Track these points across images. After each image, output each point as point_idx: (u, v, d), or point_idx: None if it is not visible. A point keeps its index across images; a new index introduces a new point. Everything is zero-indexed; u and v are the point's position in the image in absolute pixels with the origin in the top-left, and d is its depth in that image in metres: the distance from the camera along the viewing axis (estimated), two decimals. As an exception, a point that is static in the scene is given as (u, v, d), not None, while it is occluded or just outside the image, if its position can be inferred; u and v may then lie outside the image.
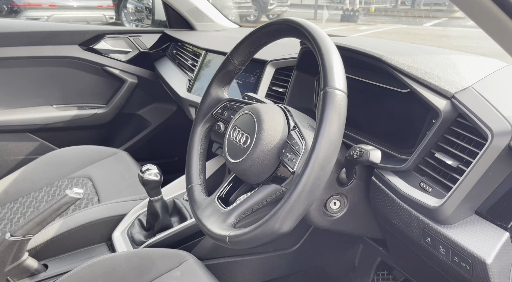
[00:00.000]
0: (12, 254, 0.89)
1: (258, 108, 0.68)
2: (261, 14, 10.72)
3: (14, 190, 1.28)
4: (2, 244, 0.88)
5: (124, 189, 1.27)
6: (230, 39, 1.41)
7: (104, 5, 6.74)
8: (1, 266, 0.89)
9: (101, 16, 6.64)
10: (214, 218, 0.69)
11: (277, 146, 0.64)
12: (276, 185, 0.67)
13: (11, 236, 0.87)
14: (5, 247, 0.88)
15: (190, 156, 0.83)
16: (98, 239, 1.09)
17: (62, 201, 0.92)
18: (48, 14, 5.90)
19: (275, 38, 0.70)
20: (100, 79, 1.69)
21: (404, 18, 12.82)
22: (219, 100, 0.83)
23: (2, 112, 1.55)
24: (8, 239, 0.87)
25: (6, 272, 0.90)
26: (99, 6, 6.67)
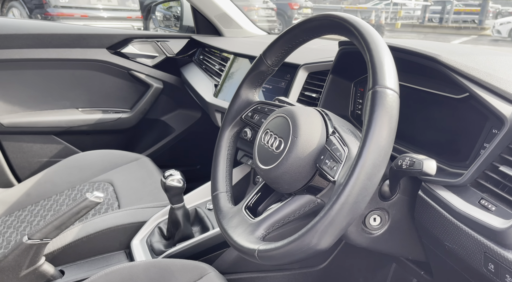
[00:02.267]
0: (28, 258, 0.86)
1: (294, 111, 0.62)
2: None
3: (35, 192, 1.27)
4: (19, 247, 0.84)
5: (145, 195, 1.23)
6: (259, 44, 1.37)
7: (133, 16, 6.93)
8: (16, 270, 0.86)
9: (130, 27, 6.81)
10: (241, 229, 0.63)
11: (314, 151, 0.58)
12: (311, 195, 0.61)
13: (28, 239, 0.84)
14: (22, 251, 0.85)
15: (217, 162, 0.78)
16: (117, 246, 1.05)
17: (82, 205, 0.88)
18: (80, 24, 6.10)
19: (315, 36, 0.65)
20: (125, 84, 1.68)
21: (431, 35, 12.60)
22: (249, 103, 0.78)
23: (29, 114, 1.55)
24: (25, 242, 0.84)
25: (21, 277, 0.87)
26: (128, 17, 6.86)
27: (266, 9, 9.58)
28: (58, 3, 5.88)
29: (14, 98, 1.52)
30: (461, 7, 16.00)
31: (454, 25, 14.13)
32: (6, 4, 6.27)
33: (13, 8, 6.21)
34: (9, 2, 6.22)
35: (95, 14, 6.33)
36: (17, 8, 6.15)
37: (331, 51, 1.03)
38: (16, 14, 6.18)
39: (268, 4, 9.80)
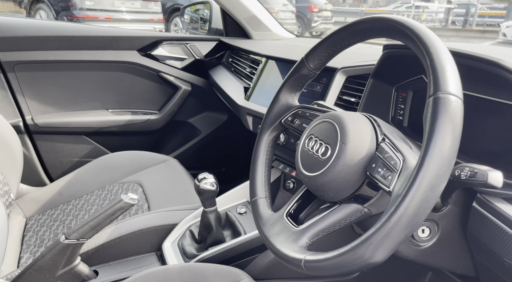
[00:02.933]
0: (65, 257, 0.86)
1: (341, 116, 0.60)
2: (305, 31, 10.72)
3: (67, 192, 1.29)
4: (56, 247, 0.85)
5: (175, 197, 1.24)
6: (290, 47, 1.36)
7: (155, 18, 7.04)
8: (53, 269, 0.86)
9: (152, 29, 6.92)
10: (283, 237, 0.62)
11: (363, 159, 0.56)
12: (358, 204, 0.59)
13: (65, 239, 0.85)
14: (59, 250, 0.85)
15: (255, 166, 0.77)
16: (148, 248, 1.05)
17: (117, 206, 0.88)
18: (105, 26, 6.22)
19: (362, 39, 0.63)
20: (154, 86, 1.70)
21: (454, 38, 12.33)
22: (289, 107, 0.76)
23: (62, 114, 1.58)
24: (62, 242, 0.85)
25: (57, 276, 0.87)
26: (150, 19, 6.97)
27: (285, 11, 9.57)
28: (84, 5, 6.03)
29: (48, 99, 1.55)
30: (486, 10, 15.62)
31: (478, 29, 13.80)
32: (33, 6, 6.46)
33: (40, 10, 6.40)
34: (36, 4, 6.41)
35: (118, 17, 6.45)
36: (44, 10, 6.32)
37: (368, 55, 1.01)
38: (43, 16, 6.36)
39: (288, 7, 9.78)
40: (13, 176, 1.16)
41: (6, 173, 1.12)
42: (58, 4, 6.13)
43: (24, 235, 1.15)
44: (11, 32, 1.41)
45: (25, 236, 1.15)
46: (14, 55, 1.44)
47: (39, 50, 1.46)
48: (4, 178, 1.11)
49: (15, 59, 1.45)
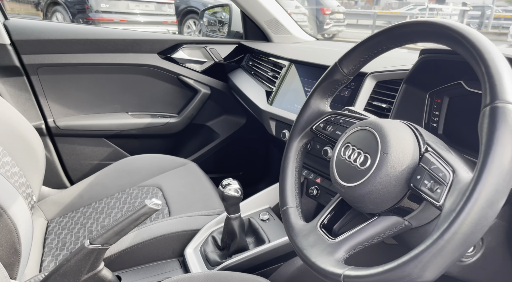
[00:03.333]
0: (89, 262, 0.85)
1: (381, 124, 0.58)
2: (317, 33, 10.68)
3: (88, 195, 1.29)
4: (81, 252, 0.84)
5: (195, 202, 1.22)
6: (314, 51, 1.34)
7: (169, 21, 7.09)
8: (77, 274, 0.86)
9: (165, 31, 6.97)
10: (318, 249, 0.59)
11: (406, 170, 0.53)
12: (398, 217, 0.56)
13: (90, 244, 0.84)
14: (83, 255, 0.85)
15: (285, 174, 0.74)
16: (170, 254, 1.04)
17: (141, 211, 0.87)
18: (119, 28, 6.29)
19: (402, 44, 0.60)
20: (174, 89, 1.69)
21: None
22: (320, 113, 0.74)
23: (83, 117, 1.59)
24: (87, 246, 0.84)
25: (81, 281, 0.87)
26: (164, 21, 7.03)
27: (297, 14, 9.55)
28: (99, 8, 6.10)
29: (70, 102, 1.56)
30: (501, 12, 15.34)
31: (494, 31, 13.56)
32: (50, 9, 6.56)
33: (57, 12, 6.49)
34: (53, 6, 6.51)
35: (133, 19, 6.52)
36: (61, 13, 6.42)
37: (399, 59, 0.98)
38: (60, 18, 6.45)
39: (300, 9, 9.75)
40: (35, 178, 1.16)
41: (29, 176, 1.12)
42: (74, 7, 6.22)
43: (45, 237, 1.15)
44: (35, 35, 1.42)
45: (47, 238, 1.15)
46: (38, 58, 1.45)
47: (62, 53, 1.47)
48: (27, 180, 1.11)
49: (39, 62, 1.45)
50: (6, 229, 0.82)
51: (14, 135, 1.10)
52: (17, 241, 0.85)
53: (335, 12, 11.05)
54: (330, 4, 11.24)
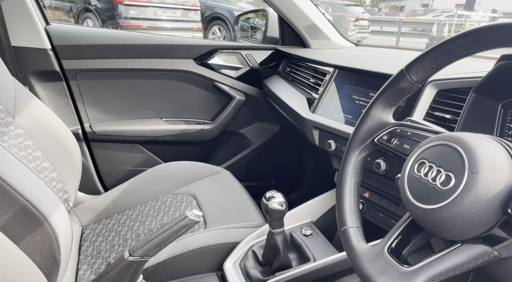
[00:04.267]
0: (129, 275, 0.82)
1: (466, 139, 0.51)
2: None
3: (122, 201, 1.27)
4: (121, 264, 0.81)
5: (232, 212, 1.18)
6: (358, 57, 1.27)
7: (194, 27, 7.18)
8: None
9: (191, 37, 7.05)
10: (389, 278, 0.53)
11: (501, 193, 0.47)
12: (486, 246, 0.49)
13: (130, 255, 0.81)
14: (123, 267, 0.81)
15: (342, 190, 0.69)
16: (208, 268, 1.00)
17: (181, 223, 0.83)
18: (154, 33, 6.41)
19: (487, 48, 0.54)
20: (209, 95, 1.66)
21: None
22: (383, 124, 0.68)
23: (118, 122, 1.58)
24: (126, 258, 0.81)
25: None
26: (190, 28, 7.12)
27: (322, 20, 9.49)
28: (128, 14, 6.23)
29: (106, 107, 1.55)
30: (533, 19, 14.76)
31: (527, 38, 13.05)
32: (81, 15, 6.76)
33: (88, 19, 6.68)
34: (84, 13, 6.70)
35: (160, 25, 6.63)
36: (91, 19, 6.60)
37: (463, 66, 0.91)
38: (90, 25, 6.63)
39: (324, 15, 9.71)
40: (72, 184, 1.15)
41: (66, 181, 1.11)
42: (105, 13, 6.38)
43: (81, 244, 1.13)
44: (75, 40, 1.42)
45: (82, 245, 1.13)
46: (77, 63, 1.45)
47: (100, 59, 1.47)
48: (64, 185, 1.10)
49: (78, 67, 1.45)
50: (47, 238, 0.80)
51: (53, 141, 1.09)
52: (57, 250, 0.83)
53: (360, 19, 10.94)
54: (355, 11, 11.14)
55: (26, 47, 1.36)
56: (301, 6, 1.48)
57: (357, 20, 10.90)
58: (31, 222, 0.77)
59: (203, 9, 7.62)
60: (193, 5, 7.10)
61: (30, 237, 0.78)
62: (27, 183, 0.78)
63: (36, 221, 0.78)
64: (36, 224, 0.78)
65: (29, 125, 1.03)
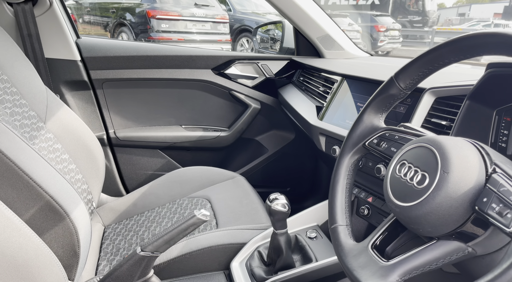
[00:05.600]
0: (140, 269, 0.88)
1: (441, 141, 0.54)
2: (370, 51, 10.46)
3: (141, 203, 1.34)
4: (133, 258, 0.88)
5: (242, 215, 1.22)
6: (368, 66, 1.30)
7: (223, 39, 7.36)
8: (129, 279, 0.89)
9: (220, 49, 7.24)
10: (369, 272, 0.56)
11: (470, 191, 0.49)
12: (460, 242, 0.52)
13: (141, 250, 0.87)
14: (135, 261, 0.88)
15: (334, 191, 0.72)
16: (216, 266, 1.04)
17: (189, 222, 0.89)
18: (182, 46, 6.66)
19: (468, 57, 0.57)
20: (226, 103, 1.73)
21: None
22: (374, 128, 0.71)
23: (141, 129, 1.68)
24: (138, 253, 0.87)
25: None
26: (218, 40, 7.31)
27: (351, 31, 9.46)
28: (160, 28, 6.51)
29: (129, 114, 1.66)
30: None
31: None
32: (117, 29, 7.14)
33: (122, 33, 7.04)
34: (119, 27, 7.07)
35: (190, 38, 6.86)
36: (126, 33, 6.95)
37: (461, 74, 0.93)
38: (125, 38, 6.98)
39: (353, 26, 9.65)
40: (95, 185, 1.24)
41: (90, 183, 1.20)
42: (138, 27, 6.70)
43: (102, 242, 1.21)
44: (102, 52, 1.54)
45: (103, 243, 1.21)
46: (104, 74, 1.57)
47: (125, 69, 1.58)
48: (88, 187, 1.19)
49: (104, 77, 1.57)
50: (68, 232, 0.88)
51: (79, 145, 1.18)
52: (77, 244, 0.91)
53: (390, 29, 10.79)
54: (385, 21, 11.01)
55: (58, 59, 1.49)
56: (315, 17, 1.53)
57: (387, 30, 10.76)
58: (54, 216, 0.86)
59: (232, 22, 7.80)
60: (222, 18, 7.31)
61: (52, 231, 0.86)
62: (52, 181, 0.87)
63: (58, 216, 0.86)
64: (58, 219, 0.86)
65: (58, 130, 1.13)
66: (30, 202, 0.83)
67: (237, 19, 8.07)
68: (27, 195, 0.82)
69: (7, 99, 0.98)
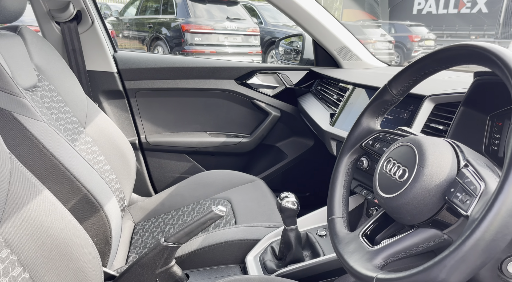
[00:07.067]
0: (163, 258, 0.98)
1: (420, 140, 0.61)
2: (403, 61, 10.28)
3: (168, 203, 1.45)
4: (157, 248, 0.98)
5: (259, 215, 1.31)
6: (379, 75, 1.37)
7: (254, 51, 7.53)
8: (153, 267, 0.99)
9: (250, 61, 7.41)
10: (357, 256, 0.63)
11: (442, 183, 0.56)
12: (436, 230, 0.58)
13: (164, 241, 0.97)
14: (159, 251, 0.98)
15: (333, 186, 0.80)
16: (233, 260, 1.13)
17: (208, 216, 0.98)
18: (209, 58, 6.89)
19: (447, 66, 0.64)
20: (248, 111, 1.84)
21: None
22: (370, 131, 0.79)
23: (169, 134, 1.82)
24: (162, 243, 0.97)
25: (156, 274, 1.00)
26: (249, 52, 7.49)
27: (383, 42, 9.38)
28: (194, 41, 6.78)
29: (159, 121, 1.81)
30: None
31: None
32: (153, 43, 7.52)
33: (158, 46, 7.40)
34: (155, 41, 7.45)
35: (221, 50, 7.08)
36: (161, 46, 7.30)
37: (460, 82, 0.97)
38: (160, 51, 7.33)
39: (386, 37, 9.56)
40: (127, 185, 1.37)
41: (122, 183, 1.33)
42: (173, 41, 7.02)
43: (132, 237, 1.33)
44: (136, 64, 1.71)
45: (133, 238, 1.33)
46: (137, 84, 1.73)
47: (156, 79, 1.73)
48: (121, 186, 1.32)
49: (137, 87, 1.73)
50: (101, 222, 1.00)
51: (114, 148, 1.32)
52: (109, 234, 1.03)
53: (425, 39, 10.57)
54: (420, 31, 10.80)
55: (98, 70, 1.66)
56: (333, 30, 1.61)
57: (422, 40, 10.56)
58: (90, 208, 0.98)
59: (263, 34, 7.98)
60: (253, 31, 7.49)
61: (89, 221, 0.99)
62: (89, 177, 1.00)
63: (94, 208, 0.99)
64: (93, 210, 0.99)
65: (96, 135, 1.28)
66: (71, 194, 0.96)
67: (268, 32, 8.24)
68: (68, 188, 0.95)
69: (53, 107, 1.13)
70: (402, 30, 10.83)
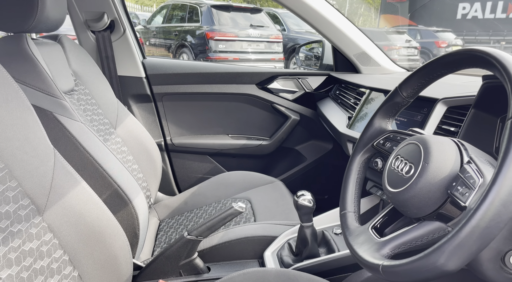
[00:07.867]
0: (186, 250, 1.05)
1: (426, 139, 0.65)
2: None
3: (191, 202, 1.53)
4: (181, 241, 1.05)
5: (278, 213, 1.36)
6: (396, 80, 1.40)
7: (276, 58, 7.61)
8: (177, 259, 1.06)
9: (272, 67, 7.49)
10: (366, 246, 0.68)
11: (446, 178, 0.60)
12: (441, 223, 0.62)
13: (188, 234, 1.04)
14: (182, 243, 1.05)
15: (346, 183, 0.84)
16: (251, 255, 1.18)
17: (228, 212, 1.05)
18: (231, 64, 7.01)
19: (454, 70, 0.68)
20: (268, 115, 1.90)
21: None
22: (382, 131, 0.83)
23: (193, 137, 1.91)
24: (186, 237, 1.04)
25: (180, 265, 1.07)
26: (272, 59, 7.57)
27: (408, 48, 9.26)
28: (218, 48, 6.94)
29: (184, 124, 1.90)
30: None
31: None
32: (179, 50, 7.73)
33: (183, 53, 7.61)
34: (181, 48, 7.66)
35: (244, 57, 7.20)
36: (186, 54, 7.50)
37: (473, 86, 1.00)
38: (185, 58, 7.53)
39: (411, 43, 9.44)
40: (153, 184, 1.45)
41: (149, 181, 1.41)
42: (197, 48, 7.20)
43: (157, 233, 1.41)
44: (162, 70, 1.81)
45: (158, 234, 1.41)
46: (163, 88, 1.82)
47: (181, 84, 1.82)
48: (147, 185, 1.40)
49: (164, 91, 1.83)
50: (130, 215, 1.08)
51: (141, 149, 1.41)
52: (137, 227, 1.11)
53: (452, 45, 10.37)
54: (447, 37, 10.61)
55: (128, 76, 1.77)
56: (352, 36, 1.65)
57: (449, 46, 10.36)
58: (120, 202, 1.07)
59: (285, 41, 8.05)
60: (276, 38, 7.58)
61: (119, 214, 1.07)
62: (119, 174, 1.09)
63: (123, 202, 1.07)
64: (123, 204, 1.07)
65: (125, 136, 1.37)
66: (103, 189, 1.05)
67: (291, 39, 8.32)
68: (101, 183, 1.04)
69: (88, 109, 1.23)
70: (428, 36, 10.66)
